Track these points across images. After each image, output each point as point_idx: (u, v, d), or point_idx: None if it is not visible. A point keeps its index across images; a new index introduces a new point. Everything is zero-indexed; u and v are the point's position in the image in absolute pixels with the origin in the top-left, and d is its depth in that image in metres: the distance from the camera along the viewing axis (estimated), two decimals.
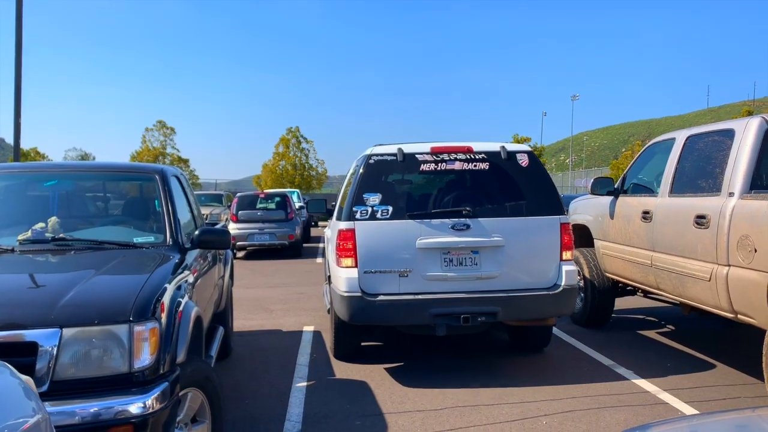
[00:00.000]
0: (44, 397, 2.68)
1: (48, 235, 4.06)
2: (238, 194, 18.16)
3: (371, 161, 5.56)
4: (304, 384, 5.41)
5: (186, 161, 63.75)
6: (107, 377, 2.82)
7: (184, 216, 4.60)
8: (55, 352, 2.75)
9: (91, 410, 2.72)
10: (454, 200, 5.48)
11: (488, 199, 5.51)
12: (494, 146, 5.70)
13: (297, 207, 18.03)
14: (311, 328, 7.55)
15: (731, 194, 4.84)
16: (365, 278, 5.26)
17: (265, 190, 26.51)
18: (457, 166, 5.58)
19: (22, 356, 2.74)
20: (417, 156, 5.59)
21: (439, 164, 5.57)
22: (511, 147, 5.73)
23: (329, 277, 6.18)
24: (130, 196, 5.08)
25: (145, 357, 2.87)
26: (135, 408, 2.77)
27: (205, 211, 18.54)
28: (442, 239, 5.31)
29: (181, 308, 3.35)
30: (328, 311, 6.14)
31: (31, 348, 2.76)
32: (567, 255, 5.48)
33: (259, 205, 16.82)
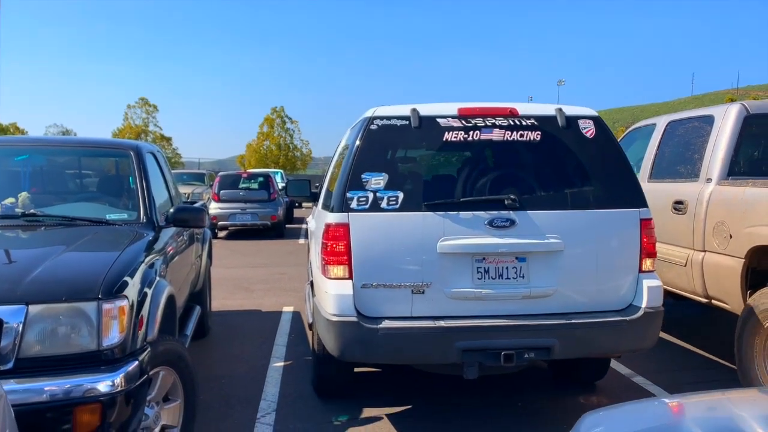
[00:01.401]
0: (10, 374, 2.65)
1: (18, 210, 3.98)
2: (221, 173, 18.04)
3: (373, 127, 3.92)
4: (281, 364, 5.40)
5: (169, 139, 63.31)
6: (75, 355, 2.77)
7: (159, 193, 4.53)
8: (20, 329, 2.69)
9: (59, 388, 2.67)
10: (492, 184, 3.90)
11: (540, 183, 3.95)
12: (548, 109, 4.11)
13: (280, 187, 17.93)
14: (291, 309, 7.53)
15: (709, 180, 4.86)
16: (364, 295, 3.69)
17: (248, 170, 26.36)
18: (496, 135, 3.95)
19: None
20: (438, 120, 3.95)
21: (471, 133, 3.94)
22: (572, 110, 4.11)
23: (311, 283, 4.68)
24: (104, 173, 5.00)
25: (114, 335, 2.83)
26: (103, 386, 2.72)
27: (186, 190, 18.40)
28: (475, 240, 3.73)
29: (152, 286, 3.31)
30: (310, 327, 4.64)
31: None
32: (648, 264, 3.92)
33: (241, 185, 16.70)
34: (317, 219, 4.79)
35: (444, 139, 3.93)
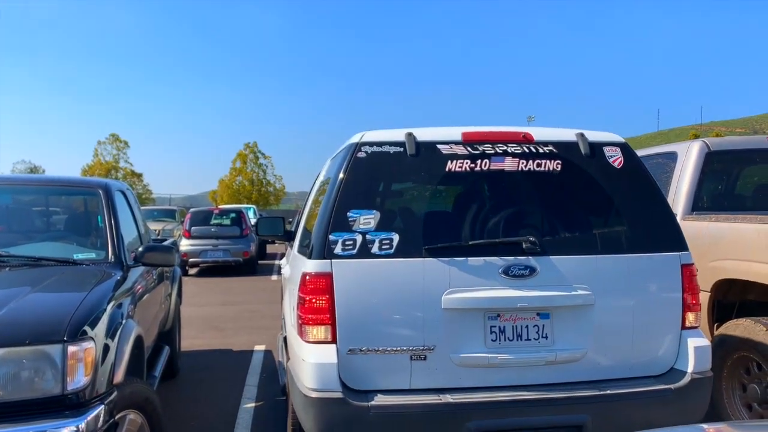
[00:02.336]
0: None
1: None
2: (192, 209, 17.89)
3: (361, 155, 3.30)
4: (252, 405, 5.30)
5: (140, 175, 62.70)
6: (39, 399, 2.69)
7: (128, 232, 4.48)
8: None
9: None
10: (507, 224, 3.28)
11: (563, 222, 3.35)
12: (567, 134, 3.53)
13: (252, 223, 17.84)
14: (262, 347, 7.43)
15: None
16: (351, 363, 3.04)
17: (220, 206, 26.17)
18: (509, 165, 3.35)
19: None
20: (440, 147, 3.36)
21: (478, 162, 3.34)
22: (595, 136, 3.54)
23: (285, 339, 4.04)
24: (72, 211, 4.92)
25: (79, 378, 2.76)
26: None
27: (157, 226, 18.20)
28: (489, 293, 3.12)
29: (120, 327, 3.25)
30: (282, 391, 4.11)
31: None
32: (692, 319, 3.33)
33: (213, 221, 16.56)
34: (292, 265, 4.10)
35: (447, 169, 3.32)
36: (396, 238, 3.14)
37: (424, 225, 3.31)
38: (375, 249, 3.11)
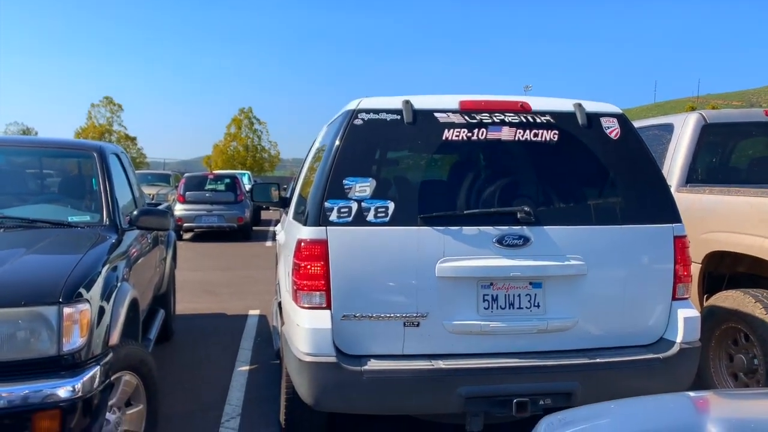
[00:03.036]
0: None
1: None
2: (186, 174, 17.82)
3: (357, 122, 3.29)
4: (246, 368, 5.36)
5: (133, 139, 62.35)
6: (34, 360, 2.72)
7: (123, 195, 4.47)
8: None
9: (17, 394, 2.62)
10: (502, 194, 3.31)
11: (558, 193, 3.39)
12: (565, 104, 3.53)
13: (247, 189, 17.83)
14: (257, 312, 7.48)
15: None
16: (344, 329, 3.08)
17: (215, 171, 26.11)
18: (506, 134, 3.36)
19: None
20: (437, 116, 3.35)
21: (475, 131, 3.34)
22: (593, 106, 3.55)
23: (280, 305, 4.02)
24: (66, 174, 4.90)
25: (75, 339, 2.78)
26: (63, 392, 2.68)
27: (151, 191, 18.16)
28: (482, 262, 3.16)
29: (115, 290, 3.27)
30: (277, 355, 4.16)
31: None
32: (683, 290, 3.39)
33: (207, 186, 16.51)
34: (287, 231, 4.11)
35: (443, 137, 3.32)
36: (391, 206, 3.16)
37: (420, 193, 3.30)
38: (370, 217, 3.13)
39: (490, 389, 3.06)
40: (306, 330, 3.06)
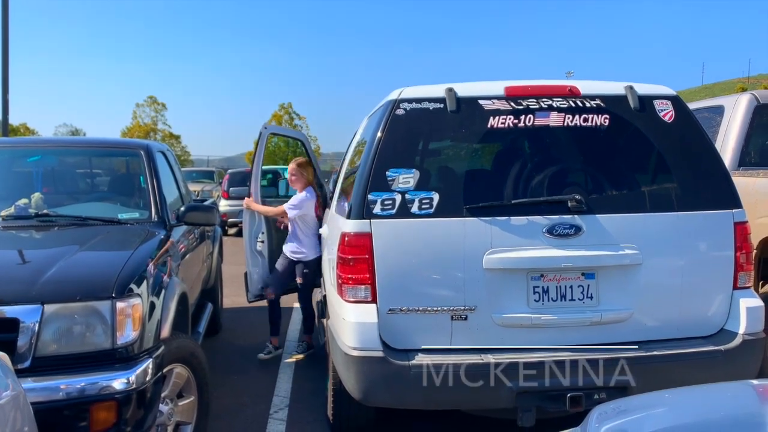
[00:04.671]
0: (27, 373, 2.69)
1: (31, 211, 4.02)
2: (230, 171, 18.11)
3: (399, 112, 3.21)
4: (293, 360, 5.43)
5: (177, 137, 63.55)
6: (90, 353, 2.81)
7: (170, 192, 4.57)
8: (36, 329, 2.73)
9: (75, 386, 2.71)
10: (551, 182, 3.21)
11: (610, 180, 3.26)
12: (615, 87, 3.39)
13: None
14: None
15: None
16: (391, 323, 3.03)
17: None
18: (554, 120, 3.24)
19: (4, 332, 2.72)
20: (481, 103, 3.25)
21: (522, 117, 3.22)
22: (645, 89, 3.40)
23: (324, 298, 4.09)
24: (115, 172, 5.04)
25: (128, 333, 2.86)
26: (119, 384, 2.76)
27: (196, 187, 18.49)
28: (532, 253, 3.07)
29: (165, 285, 3.35)
30: (322, 347, 4.19)
31: (13, 324, 2.73)
32: (745, 279, 3.22)
33: None
34: (330, 225, 4.09)
35: (489, 125, 3.22)
36: (436, 197, 3.09)
37: (465, 184, 3.24)
38: (414, 209, 3.07)
39: (542, 384, 2.96)
40: (352, 324, 3.03)
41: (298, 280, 5.38)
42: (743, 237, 3.22)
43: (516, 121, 3.24)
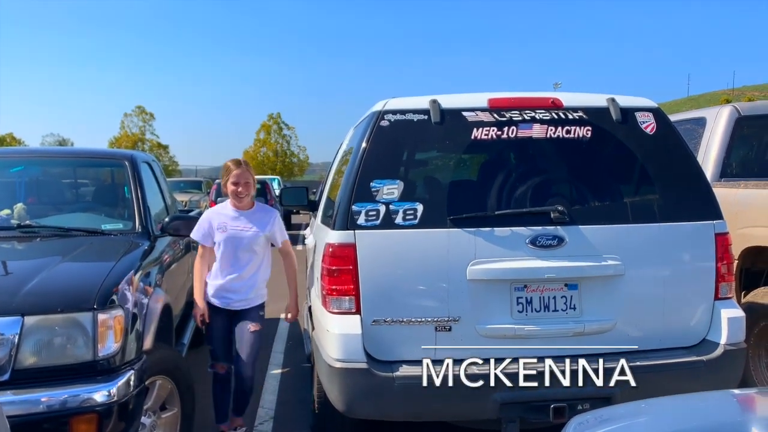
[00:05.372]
0: (6, 385, 2.67)
1: (14, 221, 4.01)
2: (217, 180, 18.04)
3: (384, 123, 3.23)
4: (279, 371, 5.41)
5: (165, 147, 63.41)
6: (71, 365, 2.79)
7: (154, 203, 4.55)
8: (16, 341, 2.71)
9: (56, 398, 2.70)
10: (534, 193, 3.23)
11: (592, 191, 3.31)
12: (597, 99, 3.42)
13: (277, 194, 17.97)
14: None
15: None
16: (375, 334, 3.02)
17: None
18: (537, 132, 3.26)
19: None
20: (465, 114, 3.26)
21: (505, 129, 3.24)
22: (627, 101, 3.43)
23: (310, 310, 4.04)
24: (99, 183, 5.02)
25: (110, 345, 2.84)
26: (100, 396, 2.74)
27: (184, 197, 18.42)
28: (515, 264, 3.07)
29: (148, 296, 3.33)
30: (308, 359, 4.09)
31: None
32: (726, 290, 3.26)
33: None
34: (316, 235, 4.08)
35: (472, 136, 3.23)
36: (420, 208, 3.09)
37: (449, 195, 3.23)
38: (399, 219, 3.07)
39: (526, 395, 2.96)
40: (336, 335, 3.01)
41: (255, 328, 3.88)
42: (724, 248, 3.24)
43: (499, 132, 3.26)
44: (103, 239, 3.90)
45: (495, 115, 3.28)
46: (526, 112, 3.31)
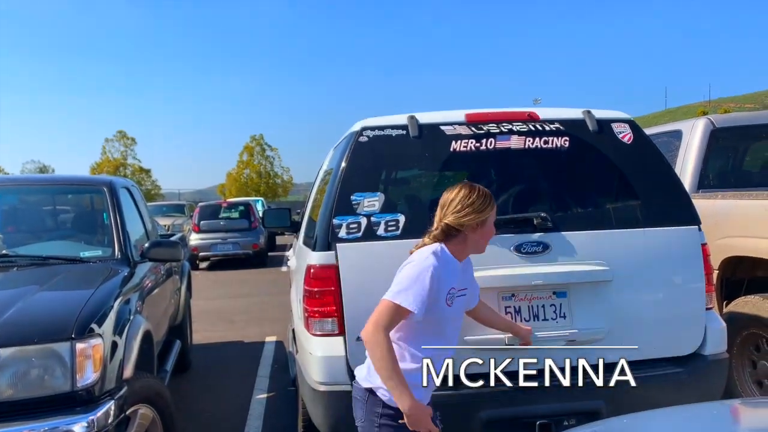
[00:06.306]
0: None
1: None
2: (200, 204, 17.96)
3: (363, 139, 3.25)
4: (264, 396, 5.34)
5: (148, 171, 63.03)
6: (49, 397, 2.73)
7: (134, 229, 4.50)
8: None
9: None
10: (516, 201, 3.24)
11: (573, 197, 3.33)
12: (573, 112, 3.49)
13: (261, 216, 17.90)
14: (273, 338, 7.46)
15: None
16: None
17: (228, 200, 26.28)
18: (515, 143, 3.28)
19: None
20: (443, 128, 3.29)
21: (483, 141, 3.28)
22: (602, 113, 3.50)
23: (294, 333, 3.85)
24: (78, 210, 4.95)
25: (88, 375, 2.79)
26: (79, 428, 2.67)
27: (167, 221, 18.32)
28: (502, 271, 3.03)
29: (128, 323, 3.28)
30: (293, 384, 3.99)
31: None
32: (707, 300, 3.24)
33: (221, 215, 16.63)
34: (298, 256, 4.03)
35: (451, 149, 3.25)
36: (402, 219, 3.05)
37: (431, 204, 3.05)
38: (381, 231, 3.02)
39: (513, 411, 2.92)
40: (319, 358, 2.96)
41: None
42: (704, 258, 3.25)
43: (478, 144, 3.28)
44: (81, 267, 3.85)
45: (473, 129, 3.30)
46: (504, 124, 3.34)
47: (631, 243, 3.16)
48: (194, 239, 15.37)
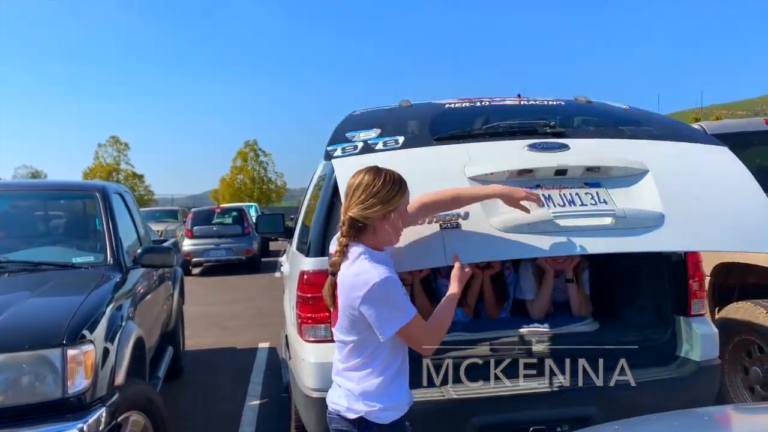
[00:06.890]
0: None
1: None
2: (193, 209, 17.92)
3: None
4: (257, 402, 5.32)
5: (141, 177, 62.75)
6: (40, 404, 2.71)
7: (127, 234, 4.49)
8: None
9: None
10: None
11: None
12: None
13: (254, 221, 17.87)
14: (266, 345, 7.44)
15: None
16: None
17: (221, 205, 26.19)
18: (510, 102, 3.50)
19: None
20: (435, 102, 3.50)
21: (477, 102, 3.49)
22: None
23: (287, 339, 3.87)
24: (70, 215, 4.93)
25: (80, 381, 2.77)
26: None
27: (159, 227, 18.19)
28: (515, 163, 2.82)
29: (120, 329, 3.27)
30: (286, 391, 3.99)
31: None
32: (699, 306, 3.26)
33: (215, 220, 16.58)
34: (291, 262, 4.02)
35: (445, 108, 3.37)
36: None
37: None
38: None
39: (506, 417, 2.90)
40: (312, 365, 2.94)
41: None
42: (695, 265, 3.25)
43: (471, 104, 3.39)
44: (73, 273, 3.83)
45: (466, 102, 3.43)
46: (495, 99, 3.47)
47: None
48: (187, 245, 15.33)
